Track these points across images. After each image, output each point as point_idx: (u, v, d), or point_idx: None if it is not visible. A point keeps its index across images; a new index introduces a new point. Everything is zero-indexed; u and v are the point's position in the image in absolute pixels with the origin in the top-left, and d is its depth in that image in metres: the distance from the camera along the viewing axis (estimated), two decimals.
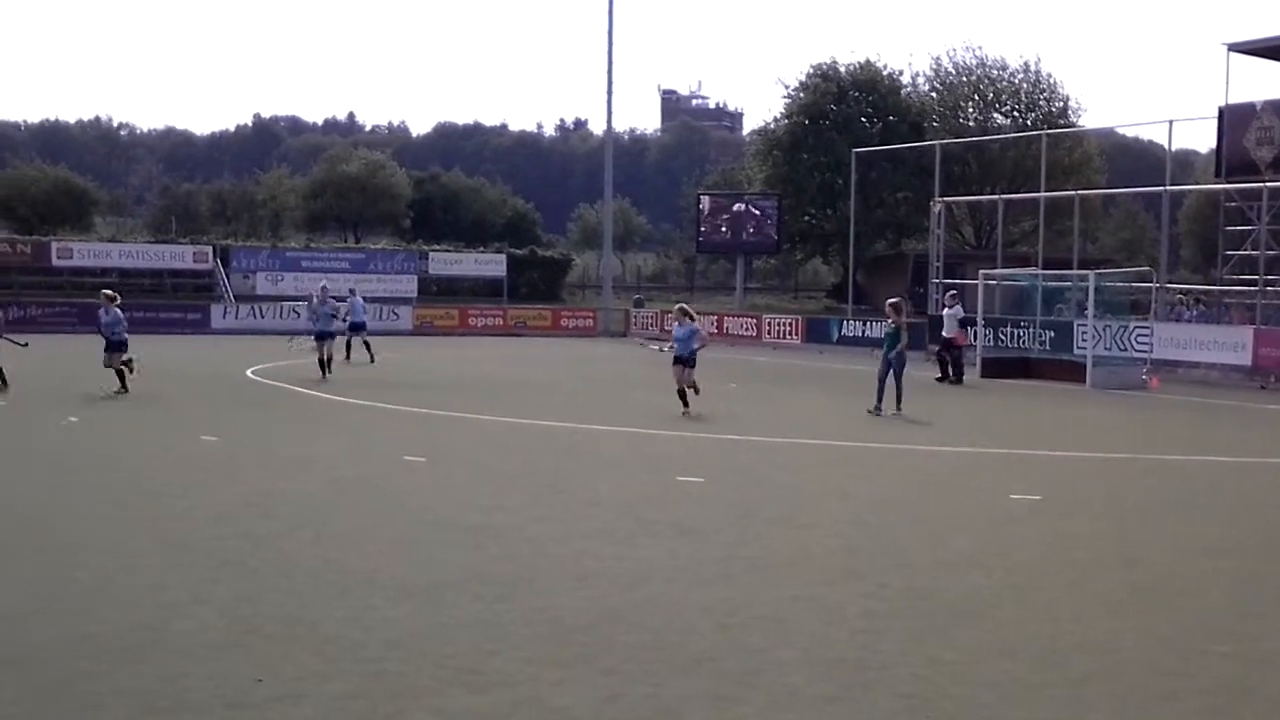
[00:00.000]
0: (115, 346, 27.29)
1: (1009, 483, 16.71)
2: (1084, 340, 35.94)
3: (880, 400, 24.86)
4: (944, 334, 35.12)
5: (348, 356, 38.01)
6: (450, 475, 16.85)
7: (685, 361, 24.56)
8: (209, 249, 66.60)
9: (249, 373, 33.45)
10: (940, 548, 12.53)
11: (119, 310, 27.72)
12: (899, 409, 24.65)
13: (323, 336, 32.12)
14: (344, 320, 36.67)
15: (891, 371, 24.89)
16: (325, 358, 31.78)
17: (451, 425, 22.92)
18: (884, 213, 67.04)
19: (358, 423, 23.16)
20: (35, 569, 10.86)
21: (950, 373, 34.19)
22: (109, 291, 28.62)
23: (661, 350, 25.26)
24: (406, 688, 7.88)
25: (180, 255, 66.18)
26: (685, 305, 26.64)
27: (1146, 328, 36.89)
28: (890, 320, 25.73)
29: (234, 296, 62.27)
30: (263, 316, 58.72)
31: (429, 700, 7.66)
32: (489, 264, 70.89)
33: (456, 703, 7.62)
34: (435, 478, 16.61)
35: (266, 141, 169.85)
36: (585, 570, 11.20)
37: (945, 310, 35.61)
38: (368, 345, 38.78)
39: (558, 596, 10.23)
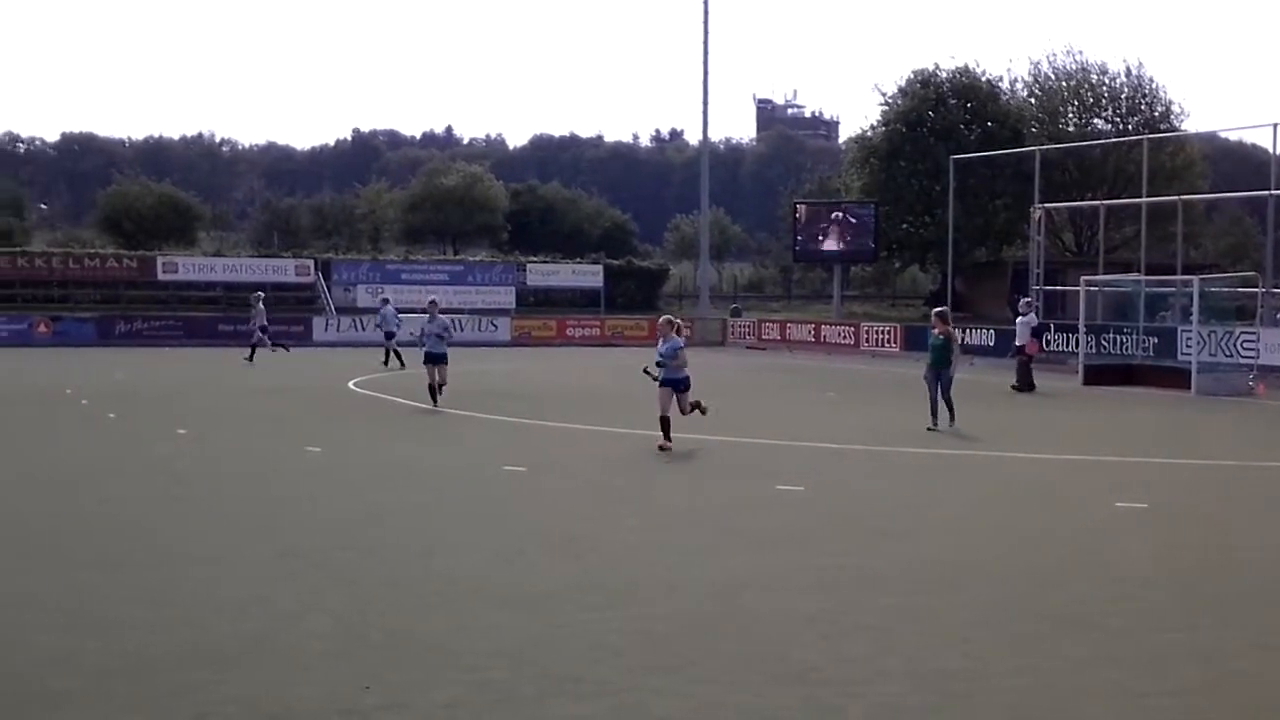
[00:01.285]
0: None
1: (1114, 490, 16.52)
2: (1188, 346, 35.48)
3: (935, 418, 23.46)
4: (1016, 342, 34.73)
5: (385, 363, 40.42)
6: (551, 485, 16.95)
7: (675, 387, 20.90)
8: (310, 262, 67.37)
9: (351, 384, 33.80)
10: (1044, 556, 12.44)
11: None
12: (953, 423, 23.29)
13: (433, 359, 27.36)
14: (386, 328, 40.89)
15: (940, 386, 23.52)
16: (436, 383, 27.22)
17: (551, 435, 23.04)
18: (983, 220, 66.43)
19: (459, 433, 23.35)
20: (146, 580, 11.06)
21: (1023, 381, 33.68)
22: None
23: (652, 376, 21.05)
24: (510, 696, 7.95)
25: (283, 268, 67.00)
26: (671, 316, 22.77)
27: (1253, 333, 36.31)
28: (937, 331, 24.14)
29: (335, 309, 62.96)
30: (364, 329, 59.23)
31: (532, 709, 7.72)
32: (586, 275, 71.16)
33: (559, 711, 7.68)
34: (536, 488, 16.71)
35: (365, 155, 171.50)
36: (686, 579, 11.23)
37: (1019, 318, 35.17)
38: (397, 354, 40.51)
39: (659, 605, 10.27)
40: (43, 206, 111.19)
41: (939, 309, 25.13)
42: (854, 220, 65.36)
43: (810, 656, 8.90)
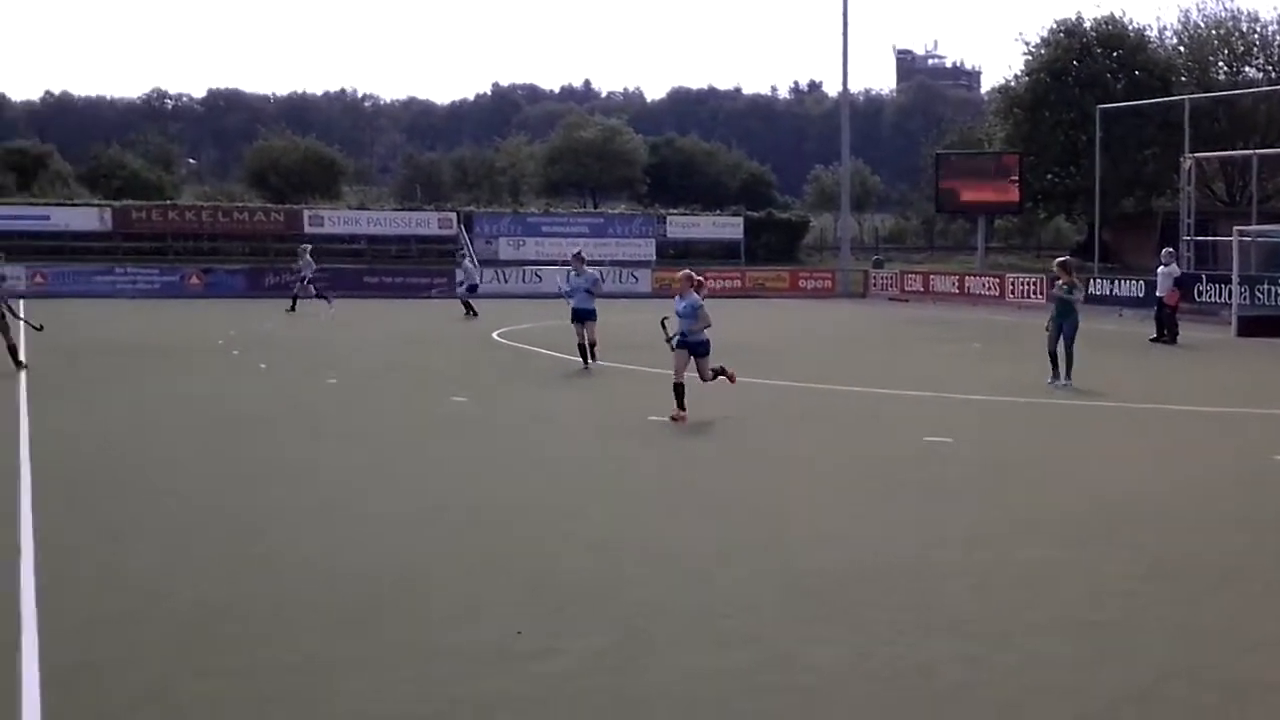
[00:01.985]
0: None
1: (1272, 443, 16.14)
2: None
3: (1056, 370, 22.59)
4: (1157, 293, 33.96)
5: (467, 314, 41.14)
6: (693, 437, 16.96)
7: (694, 350, 18.92)
8: (453, 215, 67.94)
9: (494, 335, 34.09)
10: (1200, 508, 12.22)
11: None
12: (1068, 379, 22.33)
13: (580, 316, 25.53)
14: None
15: (1062, 337, 22.68)
16: (586, 342, 25.44)
17: (692, 387, 23.03)
18: (1130, 170, 64.99)
19: (600, 383, 23.44)
20: (303, 520, 11.27)
21: (1165, 333, 32.98)
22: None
23: (668, 337, 19.31)
24: (657, 644, 7.98)
25: (425, 221, 67.63)
26: (691, 271, 20.31)
27: None
28: (1061, 281, 23.37)
29: (478, 262, 63.45)
30: (506, 281, 59.76)
31: (679, 657, 7.75)
32: (726, 227, 70.95)
33: (706, 660, 7.69)
34: (679, 439, 16.74)
35: (505, 109, 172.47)
36: (836, 531, 11.19)
37: (1160, 268, 34.34)
38: (469, 305, 41.86)
39: (808, 557, 10.24)
40: (191, 161, 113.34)
41: (1061, 259, 24.56)
42: (997, 171, 64.37)
43: (962, 607, 8.83)
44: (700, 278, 19.90)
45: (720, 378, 19.28)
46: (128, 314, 40.47)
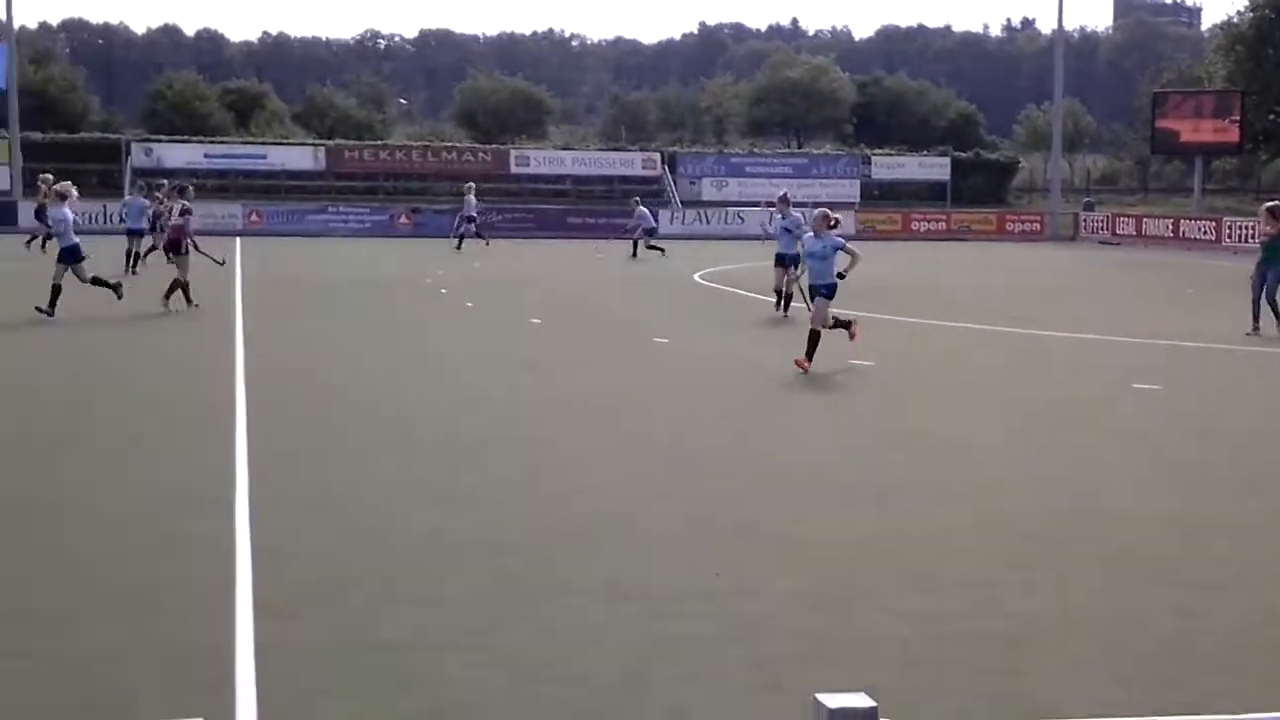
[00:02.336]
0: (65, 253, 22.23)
1: None
2: None
3: (1257, 320, 21.61)
4: None
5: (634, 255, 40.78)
6: (898, 381, 16.81)
7: (825, 293, 17.39)
8: (657, 156, 68.10)
9: (696, 277, 34.11)
10: None
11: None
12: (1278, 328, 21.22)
13: (784, 261, 24.24)
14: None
15: (1265, 287, 21.69)
16: (785, 289, 24.14)
17: (898, 330, 22.81)
18: None
19: (802, 327, 23.30)
20: (508, 461, 11.44)
21: None
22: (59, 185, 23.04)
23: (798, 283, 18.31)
24: (858, 588, 7.94)
25: (630, 162, 67.94)
26: (826, 209, 18.91)
27: None
28: (1268, 228, 22.08)
29: (681, 202, 63.54)
30: (709, 222, 59.75)
31: (881, 600, 7.71)
32: (932, 168, 70.01)
33: (910, 603, 7.64)
34: (883, 382, 16.60)
35: (711, 49, 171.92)
36: (1043, 477, 11.01)
37: None
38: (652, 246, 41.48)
39: (1015, 502, 10.09)
40: (402, 102, 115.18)
41: (1270, 204, 23.16)
42: (1217, 110, 62.28)
43: (1173, 557, 8.64)
44: (836, 216, 18.78)
45: (839, 329, 17.80)
46: (339, 251, 41.35)
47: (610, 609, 7.51)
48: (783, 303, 24.55)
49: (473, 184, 48.18)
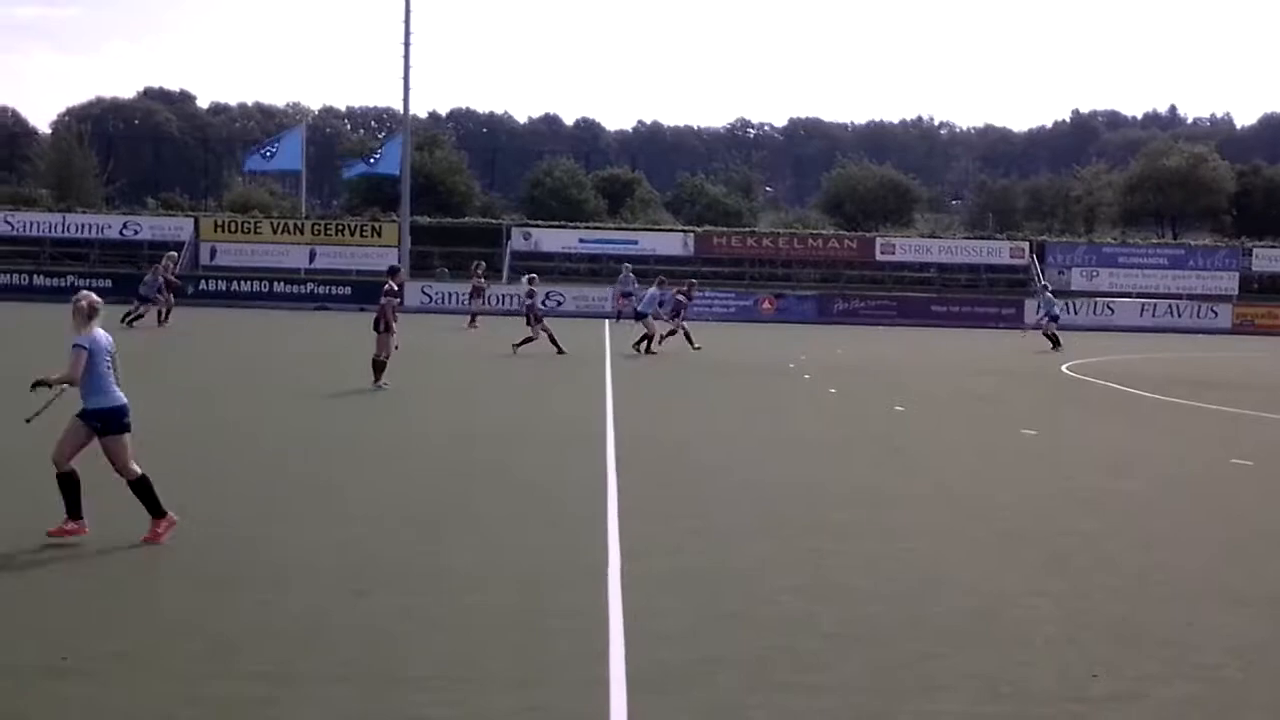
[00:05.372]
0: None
1: None
2: None
3: None
4: None
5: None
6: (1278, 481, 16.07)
7: None
8: (1025, 245, 66.96)
9: (1064, 368, 33.36)
10: None
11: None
12: None
13: None
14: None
15: None
16: None
17: (1278, 430, 21.84)
18: None
19: (1176, 422, 22.55)
20: (874, 551, 11.36)
21: None
22: None
23: None
24: (1248, 699, 7.61)
25: (997, 251, 66.95)
26: None
27: None
28: None
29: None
30: (1077, 313, 58.38)
31: (1274, 713, 7.36)
32: None
33: None
34: (1264, 482, 15.88)
35: (1084, 136, 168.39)
36: None
37: None
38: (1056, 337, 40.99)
39: None
40: (768, 189, 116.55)
41: None
42: None
43: None
44: None
45: None
46: (704, 335, 42.03)
47: (985, 708, 7.40)
48: None
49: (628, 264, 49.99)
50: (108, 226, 65.19)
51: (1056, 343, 40.68)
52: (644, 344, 33.44)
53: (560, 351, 31.22)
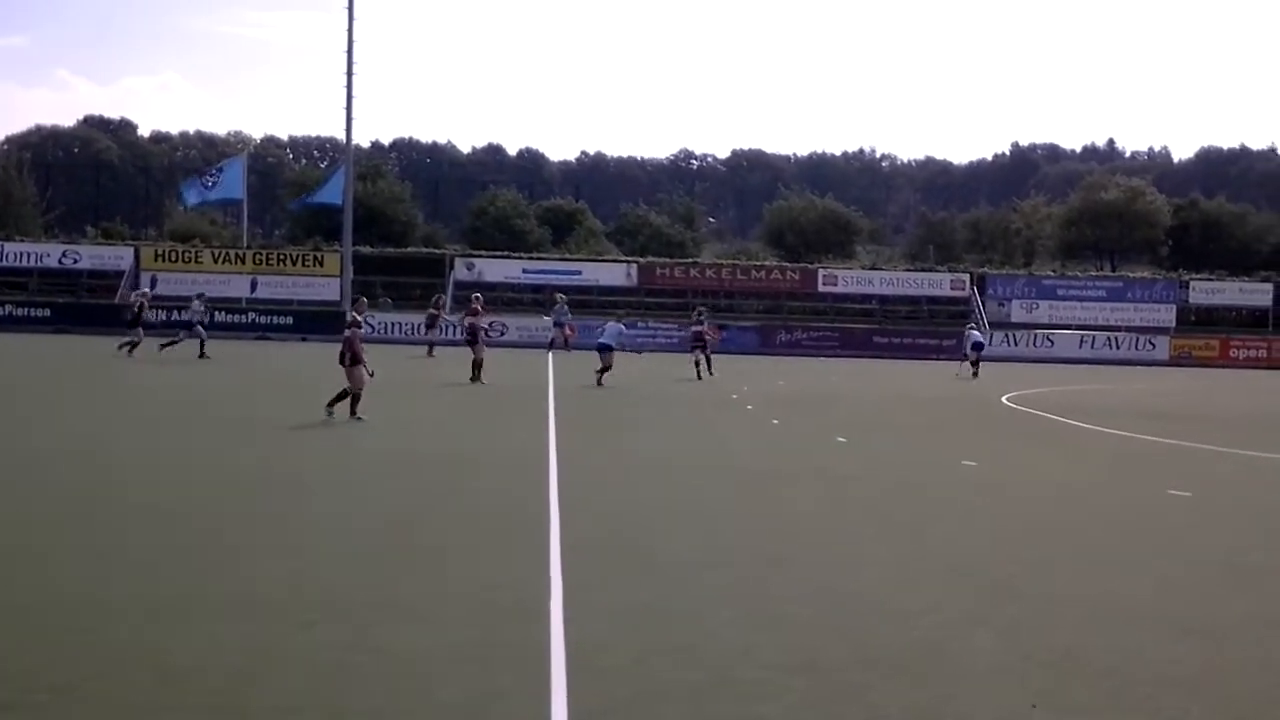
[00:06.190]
0: None
1: None
2: None
3: None
4: None
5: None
6: (1218, 511, 16.22)
7: None
8: (966, 276, 67.58)
9: (1004, 399, 33.60)
10: None
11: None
12: None
13: None
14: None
15: None
16: None
17: (1215, 460, 22.05)
18: None
19: (1114, 452, 22.75)
20: (814, 578, 11.38)
21: None
22: None
23: None
24: None
25: (938, 283, 67.53)
26: None
27: None
28: None
29: (988, 324, 62.78)
30: (1016, 344, 58.93)
31: None
32: (1254, 293, 67.67)
33: None
34: (1202, 513, 16.04)
35: (1023, 169, 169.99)
36: None
37: None
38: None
39: None
40: (711, 220, 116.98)
41: None
42: None
43: None
44: None
45: None
46: (646, 365, 42.08)
47: None
48: None
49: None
50: (46, 255, 64.78)
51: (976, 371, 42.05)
52: (603, 375, 33.57)
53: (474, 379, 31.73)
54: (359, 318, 24.85)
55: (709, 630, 9.51)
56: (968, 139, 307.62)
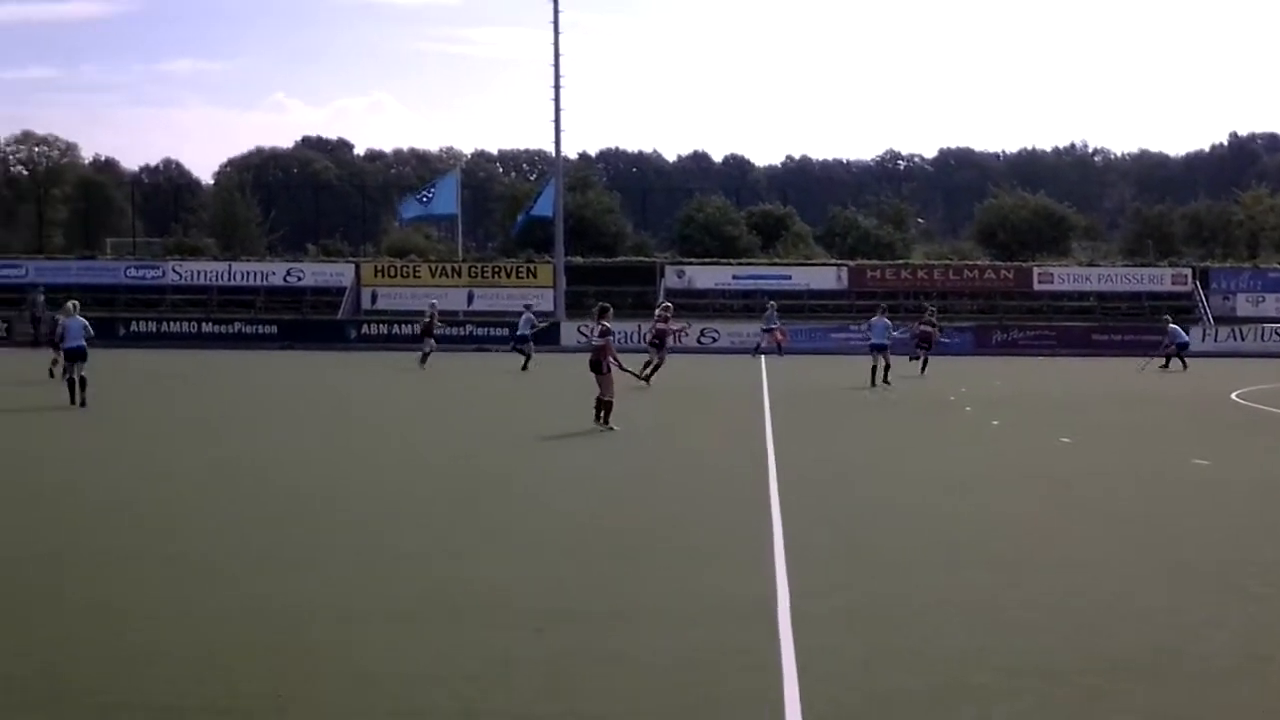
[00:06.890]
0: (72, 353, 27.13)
1: None
2: None
3: None
4: None
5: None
6: None
7: None
8: (1187, 271, 65.81)
9: (1233, 395, 32.68)
10: None
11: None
12: None
13: None
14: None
15: None
16: None
17: None
18: None
19: None
20: (1044, 583, 11.22)
21: None
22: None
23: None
24: None
25: (1158, 278, 65.89)
26: None
27: None
28: None
29: (1213, 319, 61.08)
30: (1243, 339, 57.20)
31: None
32: None
33: None
34: None
35: (1242, 160, 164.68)
36: None
37: None
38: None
39: None
40: (920, 220, 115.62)
41: None
42: None
43: None
44: None
45: None
46: (858, 369, 41.85)
47: None
48: None
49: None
50: (272, 274, 66.82)
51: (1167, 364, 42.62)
52: (886, 374, 35.86)
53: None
54: (608, 325, 24.71)
55: (938, 634, 9.47)
56: (1183, 130, 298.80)
